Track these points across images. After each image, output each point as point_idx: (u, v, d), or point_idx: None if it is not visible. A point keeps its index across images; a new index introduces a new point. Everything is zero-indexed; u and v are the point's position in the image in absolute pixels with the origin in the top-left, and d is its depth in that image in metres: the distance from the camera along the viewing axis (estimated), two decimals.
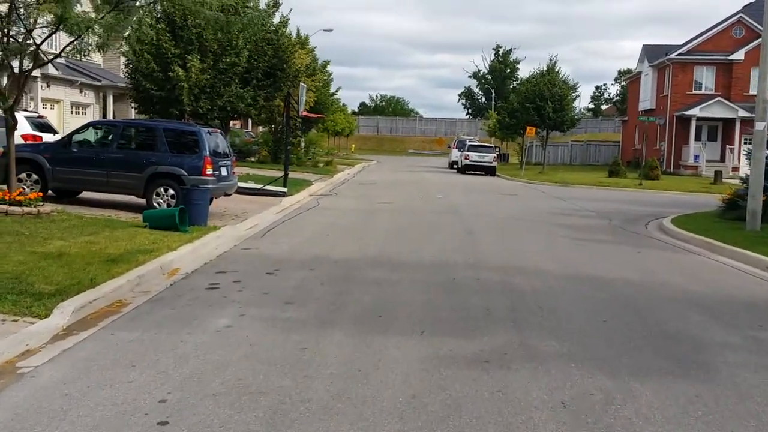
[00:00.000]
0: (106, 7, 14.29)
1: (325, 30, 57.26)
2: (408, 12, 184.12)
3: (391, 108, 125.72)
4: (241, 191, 23.97)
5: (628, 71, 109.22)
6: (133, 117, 30.89)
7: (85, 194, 18.55)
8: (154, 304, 8.97)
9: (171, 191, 16.78)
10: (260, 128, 51.83)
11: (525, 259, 13.00)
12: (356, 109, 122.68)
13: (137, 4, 13.41)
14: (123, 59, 26.00)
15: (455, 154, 54.19)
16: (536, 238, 16.00)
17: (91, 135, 18.18)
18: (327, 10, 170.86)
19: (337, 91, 50.40)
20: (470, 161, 48.20)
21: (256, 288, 9.93)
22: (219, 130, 18.52)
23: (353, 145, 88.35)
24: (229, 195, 18.33)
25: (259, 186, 24.30)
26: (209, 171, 16.96)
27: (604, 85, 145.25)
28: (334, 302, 9.17)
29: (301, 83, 24.91)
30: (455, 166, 53.07)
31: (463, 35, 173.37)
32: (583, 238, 16.53)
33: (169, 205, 16.60)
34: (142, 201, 17.03)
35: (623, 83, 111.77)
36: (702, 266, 13.61)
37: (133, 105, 26.19)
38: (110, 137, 17.49)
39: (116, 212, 16.62)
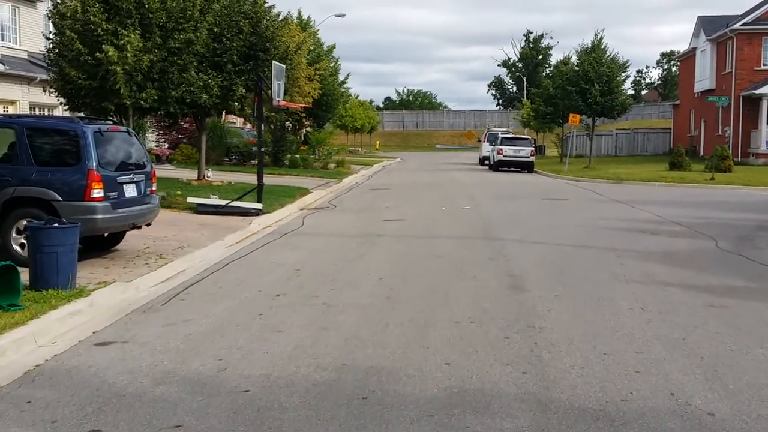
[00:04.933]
0: None
1: (336, 15, 51.39)
2: (438, 5, 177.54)
3: (418, 102, 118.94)
4: (203, 210, 17.82)
5: (672, 53, 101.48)
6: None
7: None
8: None
9: None
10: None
11: (641, 370, 6.32)
12: (380, 104, 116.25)
13: None
14: (44, 42, 19.79)
15: (486, 148, 47.60)
16: (631, 294, 9.38)
17: None
18: (356, 6, 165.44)
19: (346, 78, 43.70)
20: (504, 156, 41.48)
21: None
22: (124, 128, 12.24)
23: (377, 142, 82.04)
24: (140, 227, 11.99)
25: (224, 202, 18.02)
26: (97, 192, 10.70)
27: (647, 68, 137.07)
28: None
29: (274, 63, 18.46)
30: (486, 162, 46.51)
31: (494, 27, 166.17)
32: (704, 287, 9.93)
33: None
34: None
35: (669, 65, 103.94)
36: None
37: (59, 100, 20.04)
38: None
39: None
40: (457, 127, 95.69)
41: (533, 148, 43.15)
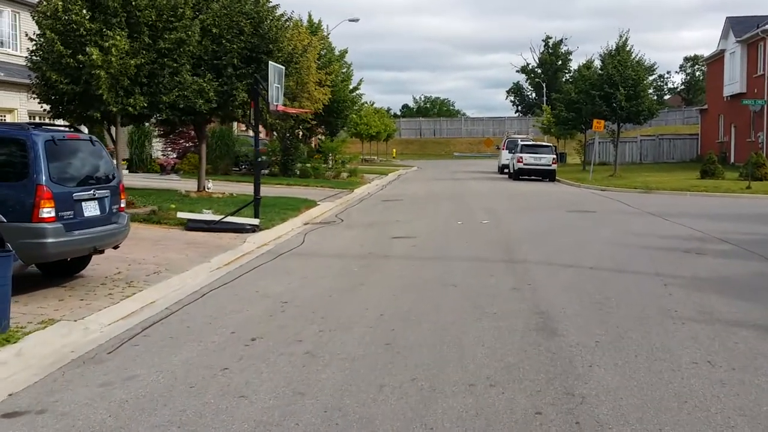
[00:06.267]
0: None
1: (350, 20, 49.68)
2: (457, 13, 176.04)
3: (435, 110, 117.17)
4: (193, 227, 16.19)
5: (696, 57, 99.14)
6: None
7: None
8: None
9: None
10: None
11: None
12: (398, 112, 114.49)
13: None
14: (29, 44, 18.23)
15: (506, 156, 45.77)
16: (691, 339, 7.51)
17: None
18: (375, 14, 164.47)
19: (358, 85, 41.84)
20: (525, 165, 39.62)
21: None
22: (86, 136, 10.58)
23: (394, 150, 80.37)
24: (102, 251, 10.32)
25: (217, 218, 16.35)
26: (47, 212, 9.03)
27: (668, 73, 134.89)
28: None
29: (271, 64, 16.76)
30: (506, 171, 44.70)
31: (513, 33, 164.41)
32: None
33: None
34: None
35: (693, 69, 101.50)
36: None
37: (42, 107, 18.50)
38: None
39: None
40: (475, 135, 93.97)
41: (555, 156, 41.24)
